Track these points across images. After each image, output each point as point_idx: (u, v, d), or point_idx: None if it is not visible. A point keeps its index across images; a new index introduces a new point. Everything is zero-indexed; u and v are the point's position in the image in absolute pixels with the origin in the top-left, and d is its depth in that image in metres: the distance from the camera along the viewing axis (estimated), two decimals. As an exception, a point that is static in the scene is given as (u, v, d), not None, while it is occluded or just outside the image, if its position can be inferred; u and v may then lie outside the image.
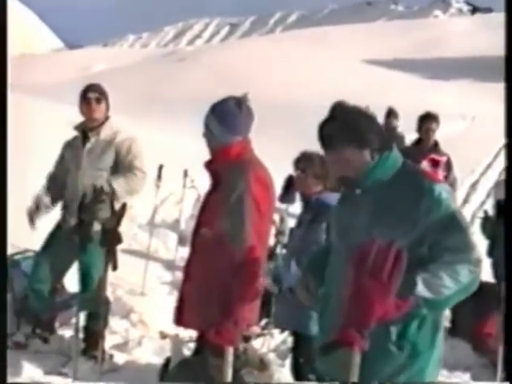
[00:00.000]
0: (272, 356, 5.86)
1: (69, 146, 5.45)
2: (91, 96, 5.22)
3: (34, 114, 16.37)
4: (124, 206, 4.71)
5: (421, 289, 2.72)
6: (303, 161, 4.82)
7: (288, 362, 5.28)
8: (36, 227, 5.50)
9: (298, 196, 5.20)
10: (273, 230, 5.71)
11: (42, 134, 13.43)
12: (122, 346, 5.77)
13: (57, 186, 5.47)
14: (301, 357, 4.68)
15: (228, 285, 3.72)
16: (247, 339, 5.00)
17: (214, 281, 3.87)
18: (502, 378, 5.45)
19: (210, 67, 32.74)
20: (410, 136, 9.17)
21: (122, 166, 5.14)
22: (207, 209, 4.14)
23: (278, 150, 11.40)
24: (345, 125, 2.93)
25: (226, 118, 3.92)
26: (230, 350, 3.66)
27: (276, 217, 6.14)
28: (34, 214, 5.43)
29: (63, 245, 5.19)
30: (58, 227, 5.37)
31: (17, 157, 11.87)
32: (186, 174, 8.13)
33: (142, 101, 24.09)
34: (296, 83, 27.39)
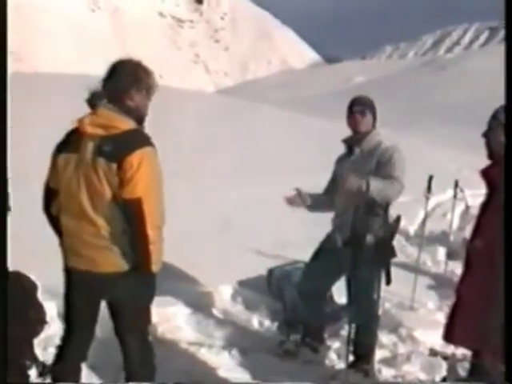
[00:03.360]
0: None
1: (339, 160, 5.46)
2: (355, 109, 5.18)
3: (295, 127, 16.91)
4: (398, 219, 4.58)
5: None
6: None
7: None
8: None
9: None
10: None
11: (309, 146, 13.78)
12: (390, 361, 5.64)
13: (329, 198, 5.50)
14: None
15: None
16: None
17: (490, 299, 3.64)
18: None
19: (471, 74, 31.75)
20: None
21: (381, 175, 5.02)
22: (481, 220, 3.92)
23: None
24: None
25: None
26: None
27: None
28: None
29: (334, 256, 5.19)
30: (328, 238, 5.39)
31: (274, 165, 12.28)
32: (456, 184, 7.79)
33: (403, 111, 23.91)
34: None
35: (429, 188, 7.24)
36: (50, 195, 4.01)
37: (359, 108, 5.18)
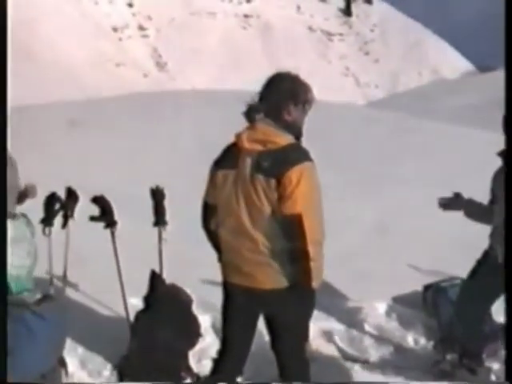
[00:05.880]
0: None
1: (497, 174, 5.22)
2: None
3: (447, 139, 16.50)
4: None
5: None
6: None
7: None
8: None
9: None
10: None
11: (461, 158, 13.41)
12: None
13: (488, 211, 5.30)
14: None
15: None
16: None
17: None
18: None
19: None
20: None
21: None
22: None
23: None
24: None
25: None
26: None
27: None
28: None
29: (493, 273, 4.98)
30: (487, 254, 5.19)
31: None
32: None
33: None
34: None
35: None
36: (208, 211, 4.09)
37: None
